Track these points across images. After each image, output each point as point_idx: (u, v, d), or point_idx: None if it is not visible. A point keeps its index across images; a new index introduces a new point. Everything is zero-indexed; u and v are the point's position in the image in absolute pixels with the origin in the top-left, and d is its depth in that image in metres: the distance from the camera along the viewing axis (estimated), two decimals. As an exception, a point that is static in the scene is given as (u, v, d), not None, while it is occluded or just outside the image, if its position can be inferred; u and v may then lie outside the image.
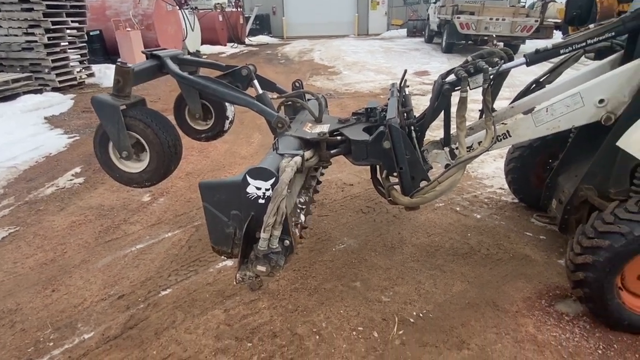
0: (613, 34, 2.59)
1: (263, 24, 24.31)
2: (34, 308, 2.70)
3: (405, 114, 2.95)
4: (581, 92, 2.65)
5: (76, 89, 9.31)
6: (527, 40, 14.16)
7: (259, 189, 2.02)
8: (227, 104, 3.73)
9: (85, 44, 9.84)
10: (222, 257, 2.34)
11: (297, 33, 25.10)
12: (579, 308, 2.64)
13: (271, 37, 24.26)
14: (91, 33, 10.80)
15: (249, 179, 2.00)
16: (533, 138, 2.89)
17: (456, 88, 2.83)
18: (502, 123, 2.83)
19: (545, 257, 3.17)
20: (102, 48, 11.39)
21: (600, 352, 2.31)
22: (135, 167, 2.77)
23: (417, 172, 2.54)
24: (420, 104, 7.09)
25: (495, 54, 2.83)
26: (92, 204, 4.08)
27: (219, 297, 2.76)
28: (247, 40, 20.26)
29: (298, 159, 2.21)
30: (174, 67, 2.93)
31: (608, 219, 2.31)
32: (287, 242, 2.09)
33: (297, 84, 3.34)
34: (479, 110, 2.92)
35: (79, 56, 9.74)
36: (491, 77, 2.63)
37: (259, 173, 1.99)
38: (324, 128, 3.01)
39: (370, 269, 3.04)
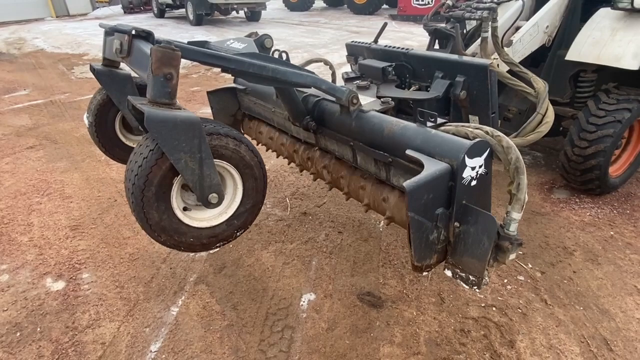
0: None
1: None
2: None
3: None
4: (538, 22, 3.21)
5: None
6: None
7: (473, 168, 1.62)
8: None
9: None
10: (423, 274, 1.77)
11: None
12: (568, 191, 3.38)
13: None
14: None
15: (468, 160, 1.57)
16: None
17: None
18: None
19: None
20: None
21: (616, 211, 3.10)
22: (218, 214, 1.67)
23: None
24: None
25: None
26: (-40, 339, 2.17)
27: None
28: None
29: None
30: (205, 49, 1.82)
31: (601, 113, 2.99)
32: None
33: (282, 54, 2.64)
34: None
35: None
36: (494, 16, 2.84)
37: (476, 148, 1.58)
38: (369, 95, 2.58)
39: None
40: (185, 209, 1.61)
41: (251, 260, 2.71)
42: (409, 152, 1.73)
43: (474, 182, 1.64)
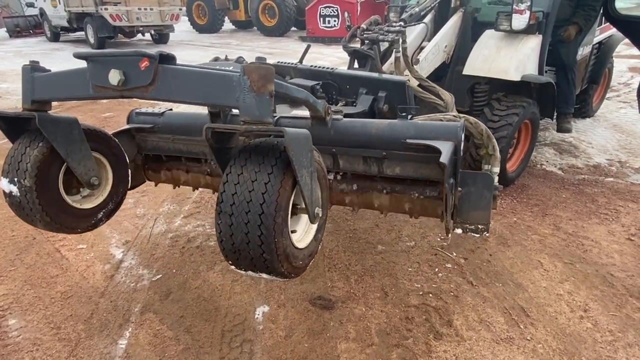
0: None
1: None
2: None
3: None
4: (438, 42, 3.68)
5: None
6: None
7: (463, 143, 1.99)
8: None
9: None
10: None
11: None
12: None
13: None
14: None
15: (462, 136, 1.96)
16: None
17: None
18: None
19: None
20: None
21: (516, 200, 3.62)
22: (305, 231, 1.71)
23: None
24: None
25: (377, 21, 3.41)
26: None
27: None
28: None
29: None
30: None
31: (496, 118, 3.50)
32: None
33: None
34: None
35: None
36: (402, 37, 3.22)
37: (462, 127, 1.98)
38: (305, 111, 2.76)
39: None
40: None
41: (198, 283, 2.69)
42: (410, 141, 1.97)
43: (462, 153, 2.00)
